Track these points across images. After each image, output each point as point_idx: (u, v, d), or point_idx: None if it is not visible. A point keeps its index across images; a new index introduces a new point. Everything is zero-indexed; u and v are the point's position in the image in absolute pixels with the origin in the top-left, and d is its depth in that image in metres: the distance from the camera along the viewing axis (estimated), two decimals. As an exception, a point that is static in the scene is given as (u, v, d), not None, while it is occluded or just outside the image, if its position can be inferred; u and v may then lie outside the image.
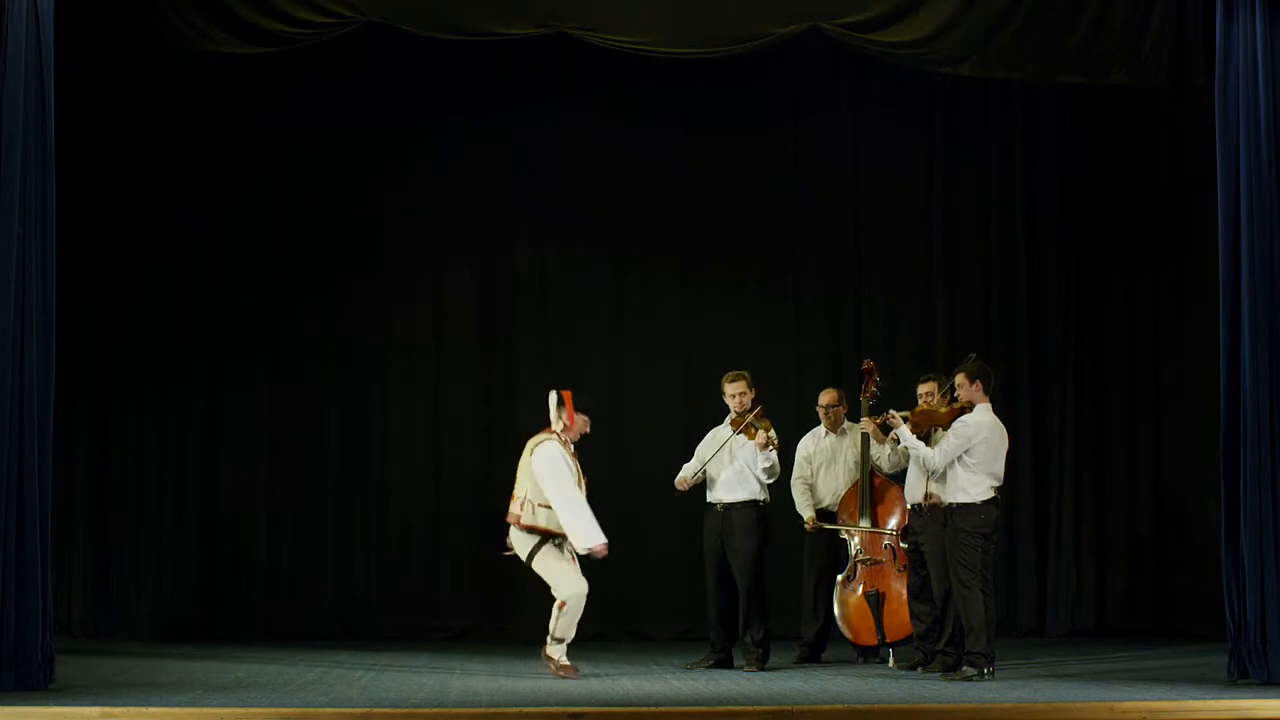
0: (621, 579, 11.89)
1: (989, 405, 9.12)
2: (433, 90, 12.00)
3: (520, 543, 9.21)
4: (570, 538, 9.05)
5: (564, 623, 9.08)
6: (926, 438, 9.28)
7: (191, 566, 11.88)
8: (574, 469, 9.20)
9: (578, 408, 9.31)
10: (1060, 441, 12.30)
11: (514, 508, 9.22)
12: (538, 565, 9.18)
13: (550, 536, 9.12)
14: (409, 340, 12.25)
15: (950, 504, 9.04)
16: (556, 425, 9.30)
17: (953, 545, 8.99)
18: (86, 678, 8.68)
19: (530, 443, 9.33)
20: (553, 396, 9.36)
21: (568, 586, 9.09)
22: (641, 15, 9.77)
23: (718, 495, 9.73)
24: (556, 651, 9.09)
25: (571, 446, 9.31)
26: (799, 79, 12.26)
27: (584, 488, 9.23)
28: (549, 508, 9.06)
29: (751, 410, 9.60)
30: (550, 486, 9.06)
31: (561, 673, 9.01)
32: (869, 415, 9.73)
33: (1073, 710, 7.60)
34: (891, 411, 9.45)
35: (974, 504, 8.93)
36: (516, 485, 9.27)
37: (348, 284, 12.14)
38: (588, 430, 9.38)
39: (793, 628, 10.43)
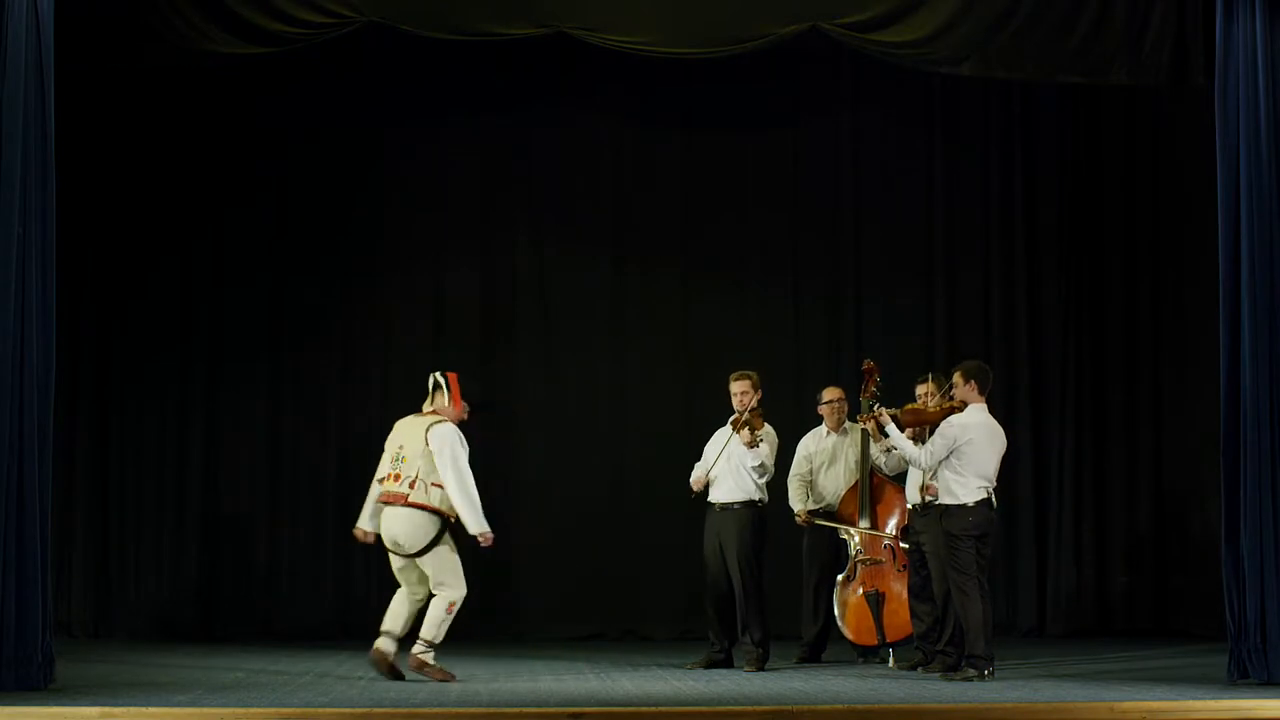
0: (622, 579, 11.93)
1: (983, 405, 9.07)
2: (433, 90, 12.01)
3: (416, 528, 8.69)
4: (463, 519, 8.68)
5: (444, 626, 8.77)
6: (924, 436, 9.27)
7: (191, 566, 11.88)
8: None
9: (463, 395, 8.99)
10: (1060, 441, 12.30)
11: (398, 487, 8.69)
12: (434, 558, 8.71)
13: (448, 525, 8.75)
14: (409, 340, 12.24)
15: (941, 506, 9.02)
16: (438, 406, 8.92)
17: (945, 548, 8.98)
18: (86, 678, 8.68)
19: (411, 422, 8.89)
20: (436, 378, 9.03)
21: (459, 588, 8.79)
22: (641, 15, 9.77)
23: (716, 495, 9.74)
24: (432, 656, 8.76)
25: None
26: (799, 79, 12.27)
27: None
28: (442, 487, 8.71)
29: (750, 410, 9.60)
30: (449, 462, 8.68)
31: (443, 677, 8.71)
32: (868, 411, 9.70)
33: (1073, 710, 7.60)
34: (879, 409, 9.43)
35: (963, 505, 8.88)
36: (402, 465, 8.73)
37: (348, 284, 12.15)
38: (466, 418, 9.07)
39: (793, 628, 10.43)
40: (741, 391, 9.71)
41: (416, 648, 8.78)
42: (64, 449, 11.03)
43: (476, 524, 8.74)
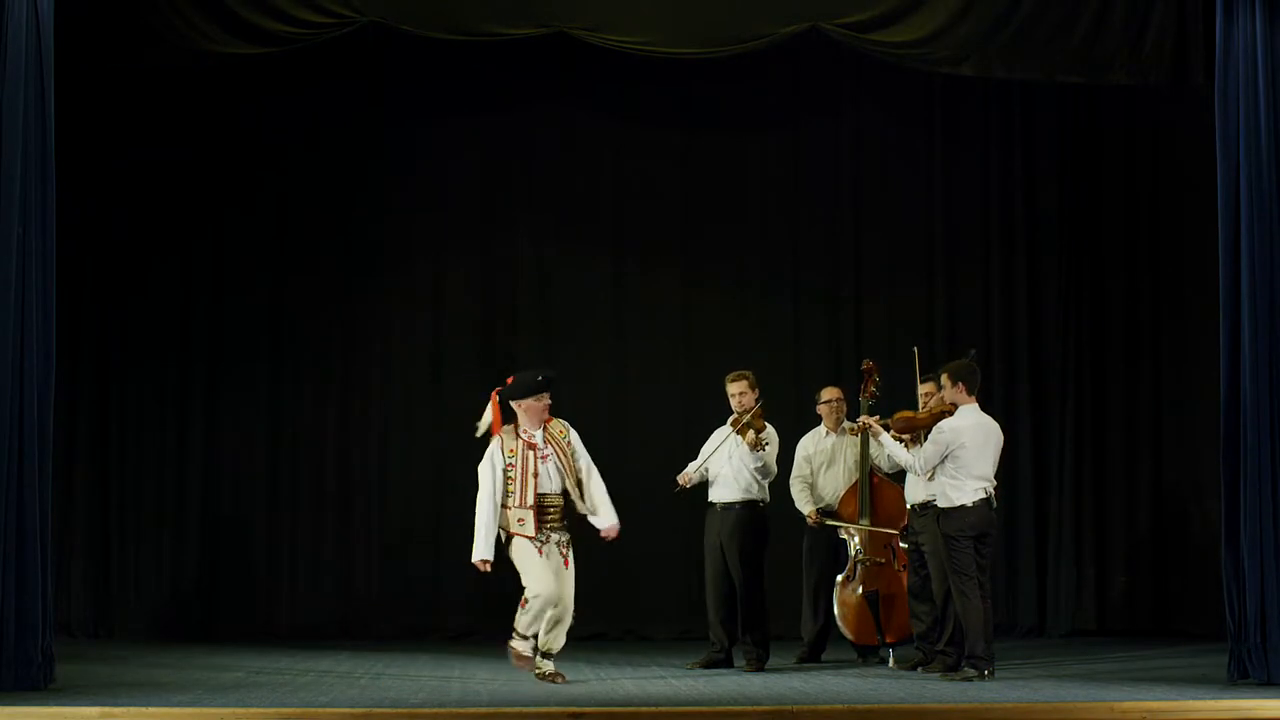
0: (622, 579, 11.92)
1: (975, 405, 9.02)
2: (433, 90, 12.01)
3: None
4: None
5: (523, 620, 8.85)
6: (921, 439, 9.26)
7: (191, 566, 11.88)
8: (520, 464, 8.86)
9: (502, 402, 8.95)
10: (1060, 441, 12.29)
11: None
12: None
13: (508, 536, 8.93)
14: (409, 340, 12.25)
15: (939, 509, 9.02)
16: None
17: (944, 550, 8.98)
18: (86, 678, 8.68)
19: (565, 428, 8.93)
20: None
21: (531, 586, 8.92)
22: (641, 15, 9.79)
23: (717, 495, 9.74)
24: (521, 645, 8.87)
25: (539, 435, 8.88)
26: (799, 79, 12.27)
27: (563, 474, 8.91)
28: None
29: (750, 410, 9.60)
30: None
31: (522, 665, 8.83)
32: (867, 415, 9.70)
33: (1073, 710, 7.60)
34: (865, 419, 9.43)
35: (961, 507, 8.85)
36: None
37: (348, 284, 12.14)
38: (534, 415, 8.93)
39: (793, 628, 10.43)
40: (739, 392, 9.70)
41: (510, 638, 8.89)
42: (64, 449, 11.03)
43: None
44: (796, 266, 12.44)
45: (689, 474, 9.78)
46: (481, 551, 8.76)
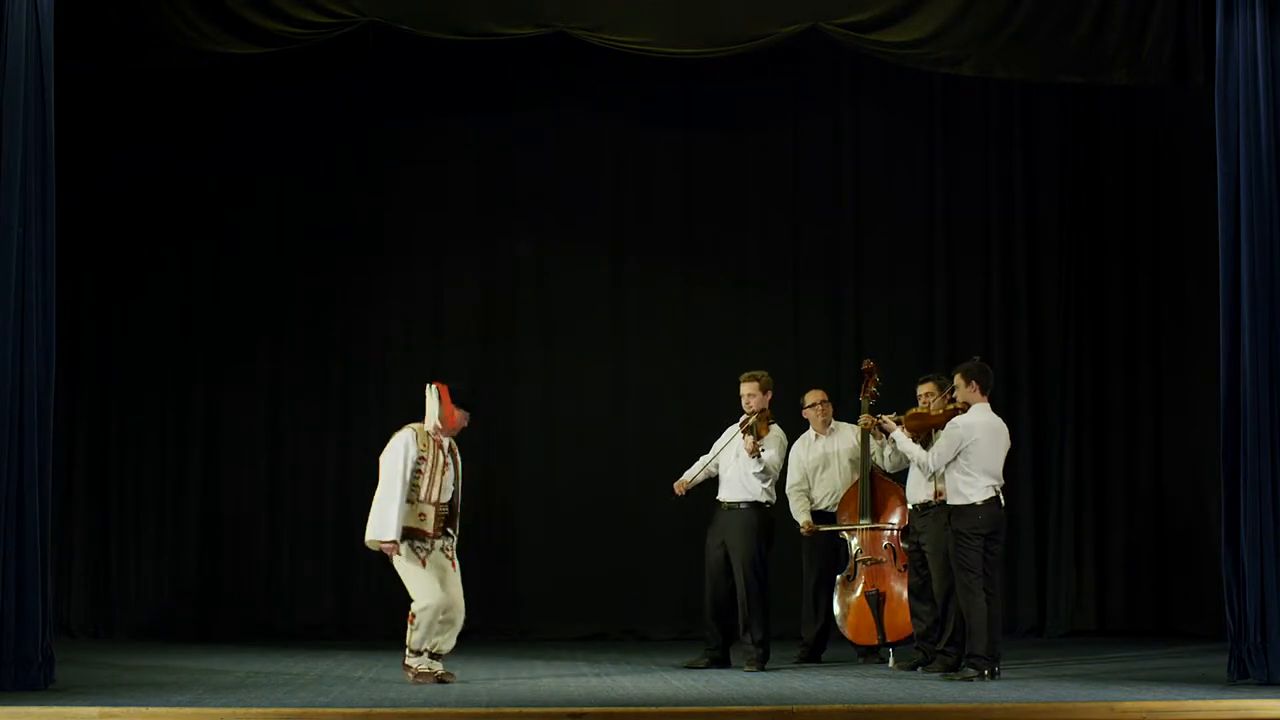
0: (621, 578, 11.94)
1: (986, 405, 9.06)
2: (432, 90, 12.01)
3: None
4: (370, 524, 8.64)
5: (418, 634, 8.62)
6: (927, 439, 9.27)
7: (191, 566, 11.88)
8: (431, 461, 8.71)
9: (456, 402, 8.82)
10: (1060, 441, 12.29)
11: None
12: (397, 567, 8.75)
13: (407, 536, 8.65)
14: (409, 340, 12.25)
15: (950, 505, 9.02)
16: (431, 421, 8.78)
17: (952, 546, 8.99)
18: (86, 678, 8.69)
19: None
20: (430, 391, 8.84)
21: (420, 598, 8.65)
22: (641, 15, 9.80)
23: (724, 494, 9.74)
24: (420, 663, 8.63)
25: (446, 441, 8.82)
26: (799, 79, 12.27)
27: (459, 482, 8.85)
28: (412, 502, 8.66)
29: (755, 414, 9.59)
30: (383, 473, 8.66)
31: (420, 680, 8.59)
32: (869, 415, 9.70)
33: (1073, 710, 7.60)
34: (881, 416, 9.45)
35: (972, 505, 8.88)
36: None
37: (348, 284, 12.15)
38: (466, 425, 8.91)
39: (793, 628, 10.43)
40: (748, 394, 9.70)
41: (404, 657, 8.68)
42: (64, 449, 11.04)
43: (372, 532, 8.66)
44: (796, 266, 12.44)
45: (685, 481, 9.78)
46: (392, 531, 8.56)
